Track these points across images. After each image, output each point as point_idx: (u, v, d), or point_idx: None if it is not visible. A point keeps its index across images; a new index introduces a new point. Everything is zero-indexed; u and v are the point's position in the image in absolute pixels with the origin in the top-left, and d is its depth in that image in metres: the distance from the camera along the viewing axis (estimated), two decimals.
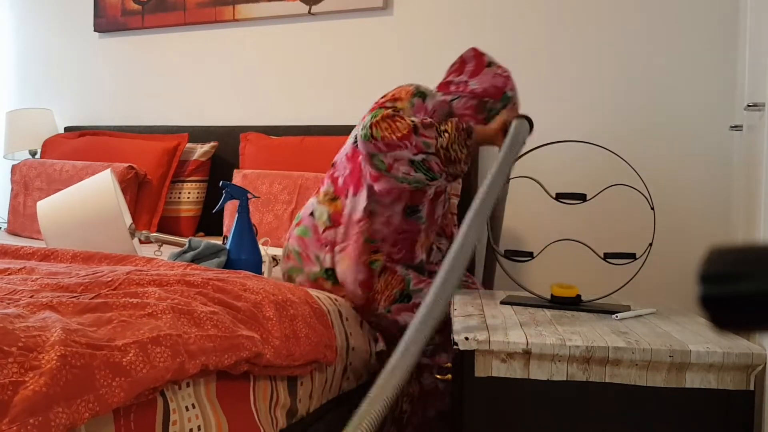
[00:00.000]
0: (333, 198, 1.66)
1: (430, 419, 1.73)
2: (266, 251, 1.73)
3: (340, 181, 1.67)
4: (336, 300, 1.61)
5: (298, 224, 1.73)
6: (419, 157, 1.50)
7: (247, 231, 1.60)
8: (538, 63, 2.35)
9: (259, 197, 1.87)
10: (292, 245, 1.71)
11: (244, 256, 1.59)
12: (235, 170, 2.54)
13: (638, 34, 2.23)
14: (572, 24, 2.31)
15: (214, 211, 1.69)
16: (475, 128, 1.59)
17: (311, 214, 1.69)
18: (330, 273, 1.66)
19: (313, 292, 1.53)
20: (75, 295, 1.11)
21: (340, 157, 1.70)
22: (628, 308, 1.49)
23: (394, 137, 1.49)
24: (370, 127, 1.50)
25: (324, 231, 1.65)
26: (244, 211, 1.60)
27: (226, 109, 2.87)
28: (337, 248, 1.65)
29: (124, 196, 2.27)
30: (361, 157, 1.60)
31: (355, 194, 1.63)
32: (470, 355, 1.22)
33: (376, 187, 1.59)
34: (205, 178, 2.67)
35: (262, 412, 1.22)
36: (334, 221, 1.65)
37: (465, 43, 1.88)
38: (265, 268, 1.71)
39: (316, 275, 1.67)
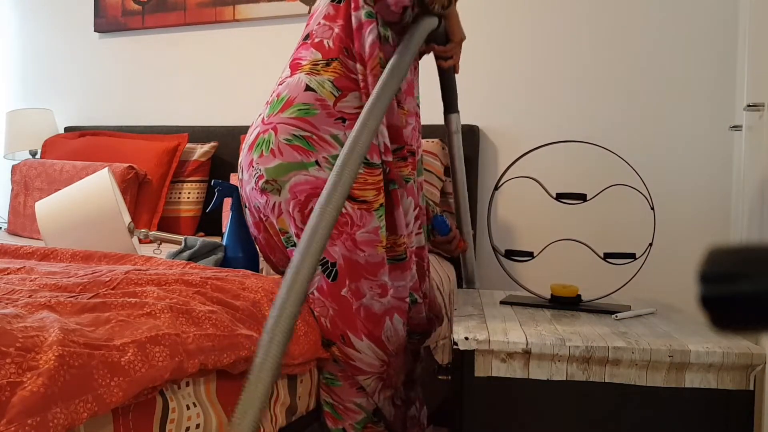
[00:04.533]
0: (327, 63, 1.40)
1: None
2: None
3: (328, 43, 1.41)
4: None
5: (284, 108, 1.39)
6: None
7: (241, 228, 1.58)
8: (538, 63, 2.35)
9: None
10: (286, 131, 1.37)
11: (240, 254, 1.57)
12: (231, 174, 2.54)
13: (638, 34, 2.23)
14: (572, 24, 2.31)
15: (208, 210, 1.67)
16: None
17: (308, 89, 1.39)
18: None
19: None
20: (73, 294, 1.11)
21: (314, 26, 1.47)
22: (628, 308, 1.49)
23: None
24: None
25: (336, 103, 1.38)
26: (237, 209, 1.58)
27: (226, 109, 2.87)
28: None
29: (123, 196, 2.27)
30: None
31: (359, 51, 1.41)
32: (470, 355, 1.22)
33: None
34: (205, 179, 2.67)
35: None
36: (343, 87, 1.39)
37: None
38: (262, 264, 1.70)
39: (336, 157, 1.36)
